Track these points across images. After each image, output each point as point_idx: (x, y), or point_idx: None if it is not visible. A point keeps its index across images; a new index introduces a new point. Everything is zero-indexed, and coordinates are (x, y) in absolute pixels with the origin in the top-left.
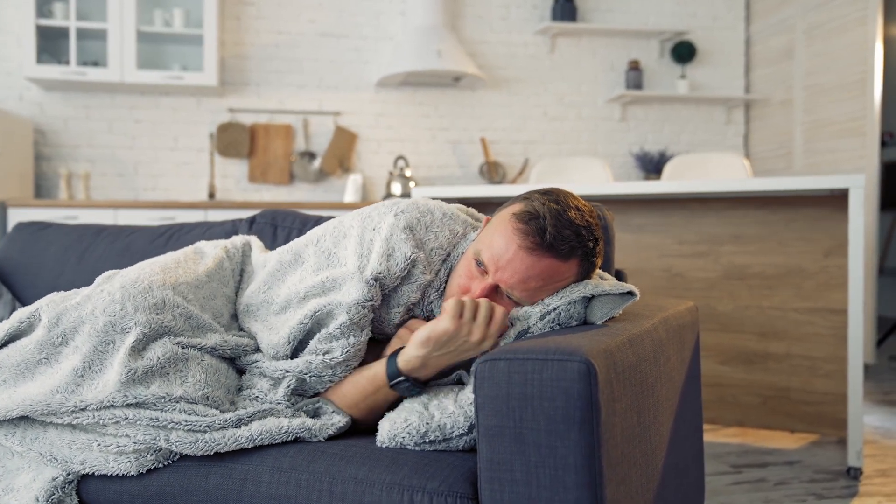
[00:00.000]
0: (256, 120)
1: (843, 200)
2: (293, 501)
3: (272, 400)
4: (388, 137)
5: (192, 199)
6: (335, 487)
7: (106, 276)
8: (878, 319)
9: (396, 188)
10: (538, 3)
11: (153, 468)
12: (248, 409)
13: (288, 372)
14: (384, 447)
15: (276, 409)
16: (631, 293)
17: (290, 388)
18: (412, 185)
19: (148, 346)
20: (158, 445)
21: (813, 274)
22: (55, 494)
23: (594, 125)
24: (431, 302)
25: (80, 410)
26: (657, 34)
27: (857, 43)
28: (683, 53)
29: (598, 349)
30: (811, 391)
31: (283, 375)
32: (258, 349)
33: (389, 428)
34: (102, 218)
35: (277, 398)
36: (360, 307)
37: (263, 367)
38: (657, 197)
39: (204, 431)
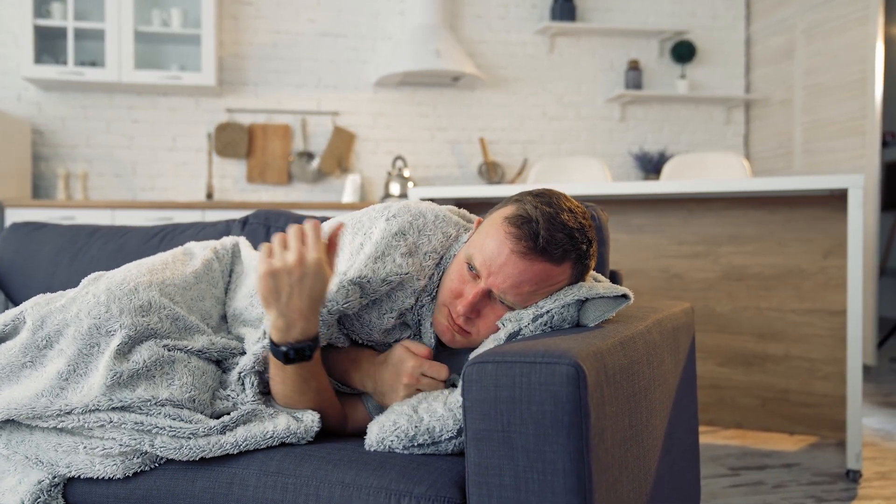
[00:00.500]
0: (254, 120)
1: (842, 201)
2: None
3: (243, 400)
4: (386, 137)
5: (189, 199)
6: (322, 492)
7: (92, 277)
8: (878, 321)
9: (395, 188)
10: (537, 2)
11: (139, 471)
12: (231, 413)
13: (243, 369)
14: (372, 451)
15: (259, 409)
16: (625, 296)
17: (254, 385)
18: (410, 185)
19: (133, 348)
20: (143, 449)
21: (812, 275)
22: (41, 497)
23: (593, 125)
24: (423, 306)
25: (65, 414)
26: (657, 34)
27: (857, 42)
28: (683, 53)
29: (587, 352)
30: (810, 393)
31: (241, 371)
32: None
33: (378, 431)
34: (100, 218)
35: (248, 398)
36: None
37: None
38: (655, 197)
39: (188, 438)
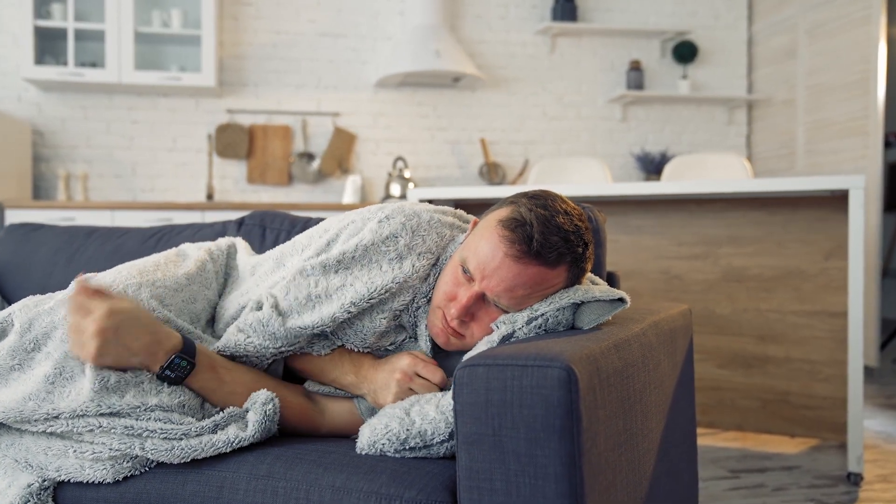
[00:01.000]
0: (255, 121)
1: (843, 201)
2: None
3: None
4: (386, 138)
5: (190, 200)
6: (312, 495)
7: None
8: (881, 322)
9: (395, 189)
10: (538, 2)
11: (130, 475)
12: (222, 412)
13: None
14: (364, 454)
15: (240, 411)
16: (621, 300)
17: None
18: (411, 186)
19: None
20: (133, 453)
21: (813, 276)
22: (31, 501)
23: (594, 125)
24: (419, 308)
25: (53, 418)
26: (658, 34)
27: (859, 42)
28: (685, 53)
29: (580, 355)
30: (811, 395)
31: None
32: None
33: (370, 434)
34: (100, 219)
35: None
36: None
37: None
38: (655, 198)
39: (180, 439)
